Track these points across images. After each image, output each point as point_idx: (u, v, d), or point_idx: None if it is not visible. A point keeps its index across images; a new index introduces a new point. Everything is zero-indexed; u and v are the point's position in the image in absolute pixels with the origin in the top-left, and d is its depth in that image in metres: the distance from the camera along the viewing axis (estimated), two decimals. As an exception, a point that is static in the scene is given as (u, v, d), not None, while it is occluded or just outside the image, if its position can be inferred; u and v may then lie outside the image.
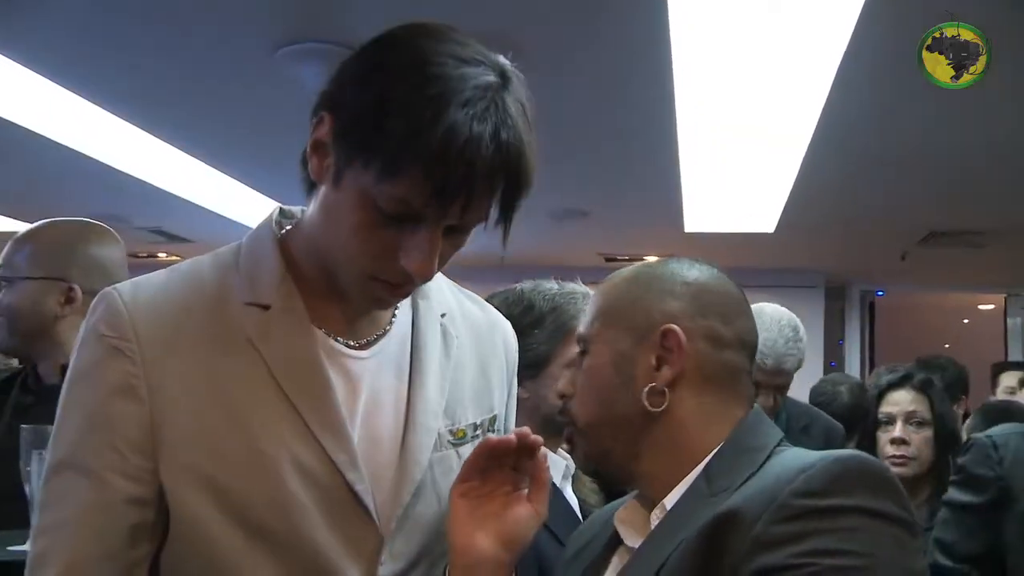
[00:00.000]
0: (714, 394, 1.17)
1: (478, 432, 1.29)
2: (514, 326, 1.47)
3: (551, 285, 1.97)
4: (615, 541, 1.23)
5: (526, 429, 1.17)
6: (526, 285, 1.97)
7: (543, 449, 1.18)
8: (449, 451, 1.25)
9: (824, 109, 4.00)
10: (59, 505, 1.15)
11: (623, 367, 1.18)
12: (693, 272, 1.23)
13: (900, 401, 2.80)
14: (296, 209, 1.29)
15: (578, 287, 1.98)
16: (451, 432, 1.25)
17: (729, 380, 1.19)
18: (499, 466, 1.18)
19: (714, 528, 0.99)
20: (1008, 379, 4.25)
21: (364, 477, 1.16)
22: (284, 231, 1.26)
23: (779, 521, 0.94)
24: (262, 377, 1.15)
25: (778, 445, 1.14)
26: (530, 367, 1.83)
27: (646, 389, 1.15)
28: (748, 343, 1.22)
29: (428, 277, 1.13)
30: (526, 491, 1.18)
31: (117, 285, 1.19)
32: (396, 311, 1.27)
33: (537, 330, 1.88)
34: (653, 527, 1.12)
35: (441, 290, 1.33)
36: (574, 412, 1.23)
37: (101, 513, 1.13)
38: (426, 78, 1.02)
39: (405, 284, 1.14)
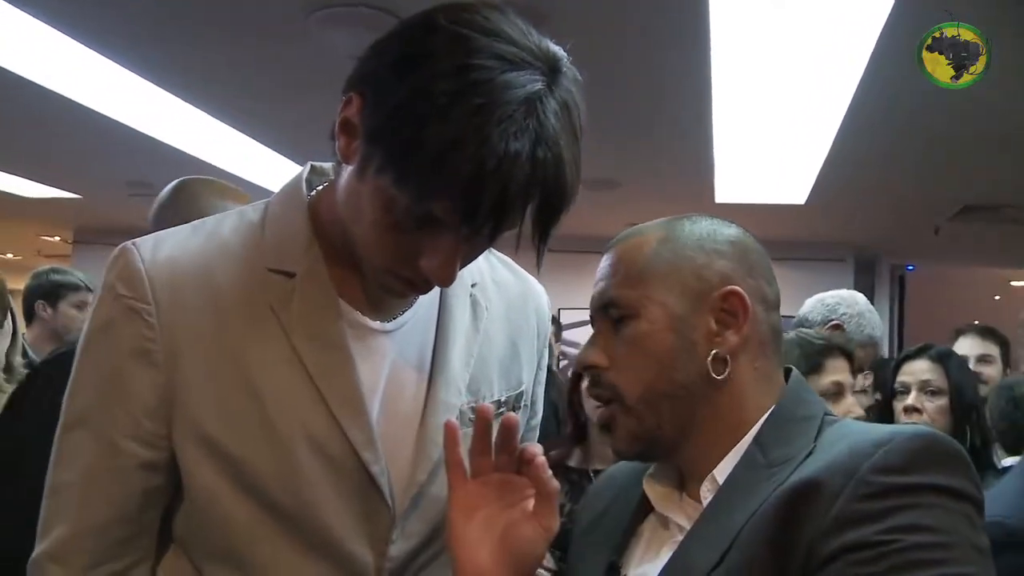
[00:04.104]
0: (765, 359, 1.13)
1: (502, 409, 1.25)
2: None
3: None
4: (642, 509, 1.19)
5: (535, 447, 1.09)
6: None
7: (542, 459, 1.08)
8: (469, 429, 1.18)
9: (861, 82, 3.94)
10: (70, 465, 1.14)
11: (683, 331, 1.10)
12: (731, 230, 1.16)
13: (916, 371, 2.83)
14: (328, 166, 1.23)
15: None
16: (473, 409, 1.19)
17: (776, 343, 1.16)
18: (500, 475, 1.09)
19: (792, 499, 0.97)
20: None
21: (380, 457, 1.13)
22: (315, 191, 1.21)
23: (861, 498, 0.94)
24: (282, 347, 1.12)
25: (826, 414, 1.11)
26: None
27: (710, 355, 1.09)
28: (779, 304, 1.19)
29: (448, 283, 1.08)
30: (531, 505, 1.08)
31: (137, 240, 1.14)
32: None
33: None
34: (706, 501, 1.08)
35: None
36: (621, 386, 1.12)
37: (113, 477, 1.12)
38: (468, 85, 0.93)
39: (423, 284, 1.09)
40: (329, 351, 1.13)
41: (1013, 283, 11.67)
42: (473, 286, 1.27)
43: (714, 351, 1.09)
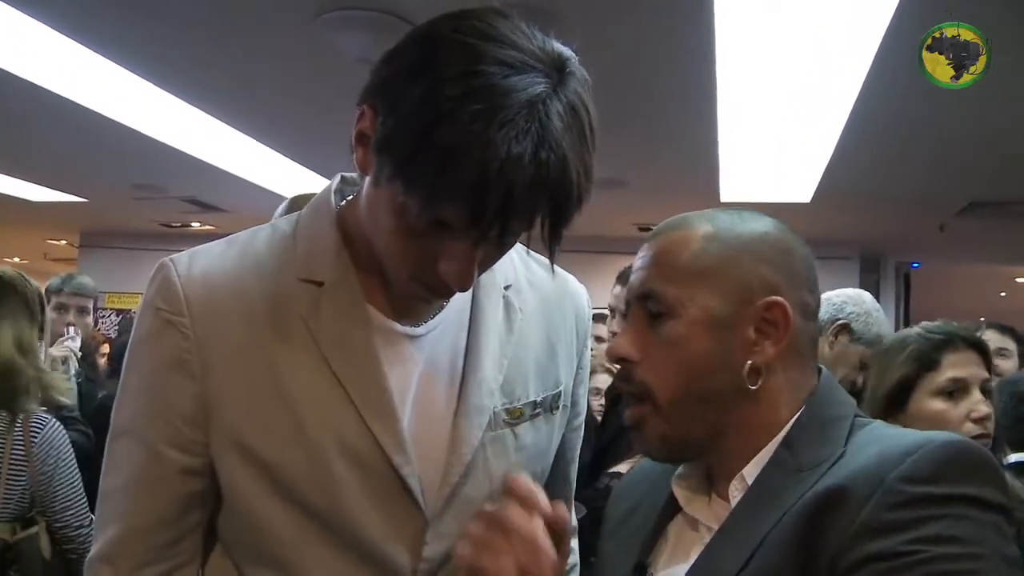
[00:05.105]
0: (799, 367, 1.11)
1: (538, 410, 1.26)
2: None
3: None
4: (669, 508, 1.18)
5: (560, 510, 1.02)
6: None
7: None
8: (504, 431, 1.22)
9: (866, 79, 3.95)
10: (118, 471, 1.19)
11: (720, 338, 1.08)
12: (779, 234, 1.13)
13: None
14: (358, 176, 1.25)
15: None
16: (507, 411, 1.22)
17: (812, 351, 1.14)
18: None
19: (819, 506, 0.97)
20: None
21: (411, 460, 1.15)
22: (344, 201, 1.24)
23: (888, 507, 0.93)
24: (312, 356, 1.14)
25: (856, 416, 1.10)
26: None
27: (746, 366, 1.07)
28: (818, 311, 1.17)
29: (466, 288, 1.10)
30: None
31: (174, 256, 1.19)
32: None
33: None
34: (734, 500, 1.07)
35: (507, 258, 1.22)
36: (653, 385, 1.10)
37: (156, 483, 1.17)
38: (470, 91, 0.95)
39: (444, 290, 1.11)
40: (357, 358, 1.15)
41: (1019, 279, 11.65)
42: (507, 288, 1.28)
43: (750, 361, 1.07)
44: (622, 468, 2.87)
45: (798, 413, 1.10)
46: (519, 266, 1.31)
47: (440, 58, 0.98)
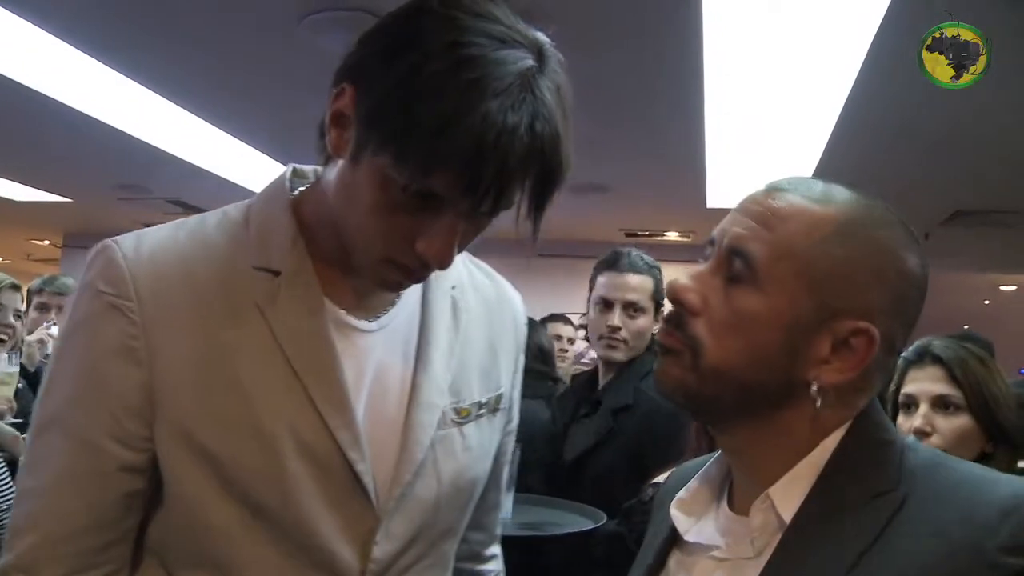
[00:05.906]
0: (860, 394, 1.00)
1: (483, 411, 1.25)
2: None
3: None
4: (670, 538, 1.10)
5: None
6: None
7: None
8: (452, 430, 1.20)
9: (852, 88, 3.95)
10: (44, 467, 1.10)
11: (793, 339, 0.96)
12: (912, 256, 1.01)
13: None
14: (309, 169, 1.24)
15: None
16: (455, 410, 1.21)
17: (878, 383, 1.02)
18: None
19: None
20: None
21: (365, 456, 1.11)
22: (297, 192, 1.20)
23: None
24: (268, 346, 1.10)
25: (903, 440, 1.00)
26: None
27: (812, 386, 0.96)
28: (903, 348, 1.06)
29: (446, 265, 1.07)
30: None
31: (118, 237, 1.12)
32: None
33: None
34: (755, 519, 0.98)
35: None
36: (704, 345, 0.98)
37: (91, 480, 1.09)
38: (460, 60, 0.94)
39: (420, 270, 1.09)
40: (315, 349, 1.12)
41: (1003, 288, 11.70)
42: (453, 288, 1.27)
43: (815, 384, 0.97)
44: (661, 478, 2.81)
45: (842, 434, 0.99)
46: (462, 269, 1.31)
47: (429, 31, 0.98)
